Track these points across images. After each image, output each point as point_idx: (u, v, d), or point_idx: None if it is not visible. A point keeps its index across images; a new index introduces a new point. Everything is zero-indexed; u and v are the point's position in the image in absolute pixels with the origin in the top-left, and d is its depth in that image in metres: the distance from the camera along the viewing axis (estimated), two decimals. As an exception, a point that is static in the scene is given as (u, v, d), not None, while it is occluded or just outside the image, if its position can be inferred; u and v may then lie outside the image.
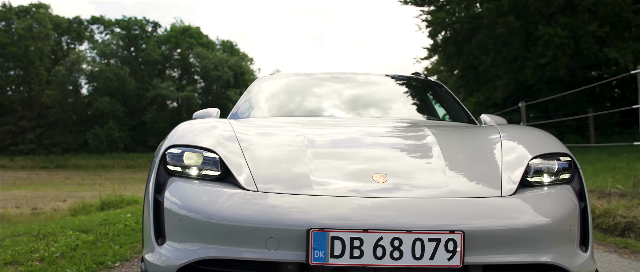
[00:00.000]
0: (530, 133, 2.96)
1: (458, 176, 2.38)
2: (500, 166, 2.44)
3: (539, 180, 2.43)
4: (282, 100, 4.09)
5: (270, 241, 2.03)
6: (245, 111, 3.93)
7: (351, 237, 1.99)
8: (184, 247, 2.16)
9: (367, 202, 2.14)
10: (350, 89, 4.26)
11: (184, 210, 2.18)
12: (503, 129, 2.94)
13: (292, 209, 2.09)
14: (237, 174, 2.30)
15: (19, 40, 52.52)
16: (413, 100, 4.38)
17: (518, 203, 2.24)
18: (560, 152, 2.56)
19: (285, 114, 3.80)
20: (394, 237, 1.99)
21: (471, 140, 2.94)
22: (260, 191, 2.21)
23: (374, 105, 4.07)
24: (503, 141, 2.69)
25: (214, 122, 2.86)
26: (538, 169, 2.46)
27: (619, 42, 16.91)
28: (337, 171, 2.37)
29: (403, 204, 2.14)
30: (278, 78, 4.51)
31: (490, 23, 19.03)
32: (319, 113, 3.86)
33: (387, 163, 2.46)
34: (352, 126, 3.22)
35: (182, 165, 2.40)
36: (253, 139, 2.63)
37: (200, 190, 2.25)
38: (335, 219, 2.04)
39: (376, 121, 3.50)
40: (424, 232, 2.01)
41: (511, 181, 2.34)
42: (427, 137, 2.78)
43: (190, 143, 2.49)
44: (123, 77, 54.24)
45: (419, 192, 2.24)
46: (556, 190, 2.38)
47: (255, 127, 2.95)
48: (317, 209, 2.09)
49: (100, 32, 60.78)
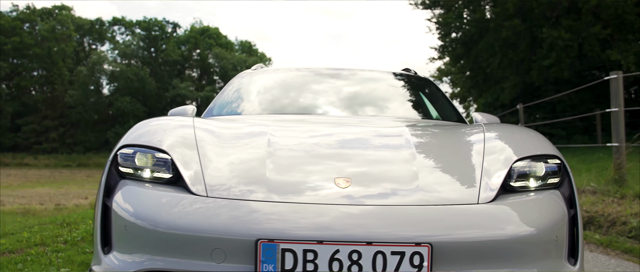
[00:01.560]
0: (517, 133, 2.71)
1: (430, 181, 2.16)
2: (480, 170, 2.24)
3: (524, 185, 2.23)
4: (257, 98, 3.86)
5: (217, 253, 1.86)
6: (219, 108, 3.73)
7: (304, 250, 1.81)
8: (131, 258, 1.98)
9: (325, 210, 1.94)
10: (333, 85, 4.01)
11: (131, 216, 2.00)
12: (489, 128, 2.70)
13: (240, 217, 1.90)
14: (188, 177, 2.12)
15: (42, 42, 53.61)
16: (399, 97, 4.10)
17: (497, 211, 2.03)
18: (548, 154, 2.34)
19: (258, 111, 3.61)
20: (352, 249, 1.81)
21: (452, 141, 2.70)
22: (210, 196, 2.03)
23: (356, 102, 3.79)
24: (486, 141, 2.47)
25: (178, 120, 2.63)
26: (523, 172, 2.25)
27: (622, 44, 17.28)
28: (297, 174, 2.18)
29: (364, 213, 1.94)
30: (259, 74, 4.27)
31: (497, 26, 19.50)
32: (295, 111, 3.61)
33: (354, 166, 2.24)
34: (326, 125, 2.97)
35: (134, 166, 2.23)
36: (213, 140, 2.43)
37: (148, 194, 2.07)
38: (287, 228, 1.86)
39: (353, 120, 3.26)
40: (386, 244, 1.82)
41: (490, 186, 2.14)
42: (404, 137, 2.54)
43: (143, 143, 2.29)
44: (143, 77, 55.15)
45: (384, 199, 2.03)
46: (543, 196, 2.18)
47: (221, 126, 2.69)
48: (268, 218, 1.90)
49: (122, 33, 61.85)
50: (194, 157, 2.26)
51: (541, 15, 18.67)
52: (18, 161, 44.78)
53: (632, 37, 17.41)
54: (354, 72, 4.24)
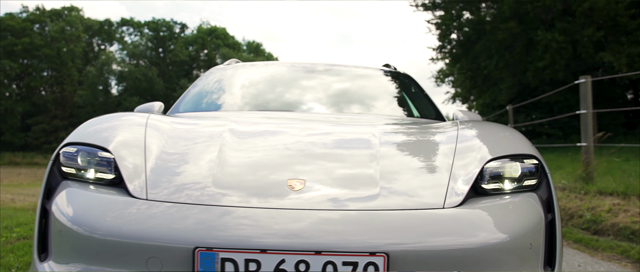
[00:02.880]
0: (493, 131, 2.53)
1: (392, 185, 1.99)
2: (449, 171, 2.08)
3: (497, 187, 2.07)
4: (225, 94, 3.70)
5: (152, 262, 1.69)
6: (185, 105, 3.55)
7: (246, 259, 1.65)
8: (66, 268, 1.82)
9: (271, 215, 1.78)
10: (307, 81, 3.83)
11: (68, 221, 1.84)
12: (464, 126, 2.54)
13: (177, 223, 1.74)
14: (128, 179, 1.97)
15: (52, 42, 54.39)
16: (375, 94, 3.88)
17: (464, 216, 1.87)
18: (524, 154, 2.19)
19: (225, 108, 3.44)
20: (299, 259, 1.65)
21: (422, 140, 2.49)
22: (150, 199, 1.86)
23: (329, 99, 3.61)
24: (459, 141, 2.31)
25: (132, 117, 2.45)
26: (496, 173, 2.09)
27: (616, 46, 17.69)
28: (247, 177, 2.00)
29: (315, 218, 1.77)
30: (232, 69, 4.03)
31: (493, 28, 19.98)
32: (263, 108, 3.40)
33: (311, 167, 2.08)
34: (290, 123, 2.78)
35: (77, 166, 2.07)
36: (164, 139, 2.27)
37: (87, 197, 1.92)
38: (228, 236, 1.69)
39: (320, 117, 3.08)
40: (337, 253, 1.66)
41: (458, 189, 1.98)
42: (371, 136, 2.36)
43: (87, 141, 2.13)
44: (151, 77, 55.89)
45: (338, 203, 1.87)
46: (518, 199, 2.02)
47: (178, 124, 2.52)
48: (208, 224, 1.74)
49: (130, 33, 62.78)
50: (139, 157, 2.09)
51: (536, 17, 19.12)
52: (28, 160, 45.62)
53: (625, 39, 17.80)
54: (330, 67, 4.07)
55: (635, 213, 5.13)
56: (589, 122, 7.26)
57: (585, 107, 7.24)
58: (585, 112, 7.24)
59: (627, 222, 4.94)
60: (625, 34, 17.91)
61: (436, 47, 25.14)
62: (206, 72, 4.17)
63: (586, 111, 7.23)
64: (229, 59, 5.09)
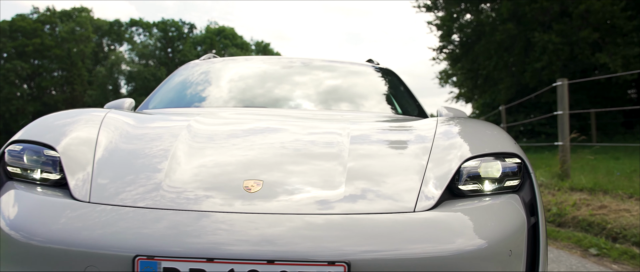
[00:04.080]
0: (473, 128, 2.37)
1: (360, 186, 1.83)
2: (423, 172, 1.93)
3: (476, 188, 1.93)
4: (195, 90, 3.55)
5: (91, 271, 1.56)
6: (155, 101, 3.42)
7: (191, 269, 1.51)
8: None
9: (221, 220, 1.63)
10: (283, 76, 3.68)
11: (6, 226, 1.68)
12: (443, 123, 2.37)
13: (117, 229, 1.60)
14: (72, 179, 1.83)
15: (62, 43, 55.00)
16: (353, 89, 3.72)
17: (437, 220, 1.71)
18: (506, 152, 2.03)
19: (195, 104, 3.30)
20: (250, 269, 1.51)
21: (397, 138, 2.34)
22: (93, 202, 1.73)
23: (305, 94, 3.46)
24: (436, 138, 2.15)
25: (88, 114, 2.29)
26: (474, 173, 1.95)
27: (612, 48, 18.02)
28: (200, 177, 1.85)
29: (269, 223, 1.62)
30: (206, 64, 3.89)
31: (492, 29, 20.36)
32: (233, 104, 3.25)
33: (272, 168, 1.91)
34: (258, 120, 2.59)
35: (22, 165, 1.93)
36: (119, 137, 2.11)
37: (29, 200, 1.77)
38: (170, 243, 1.54)
39: (291, 114, 2.88)
40: (292, 263, 1.52)
41: (431, 191, 1.84)
42: (342, 135, 2.19)
43: (35, 138, 2.00)
44: (160, 77, 56.17)
45: (298, 206, 1.72)
46: (498, 201, 1.87)
47: (137, 122, 2.33)
48: (150, 230, 1.59)
49: (139, 33, 63.41)
50: (87, 156, 1.95)
51: (534, 19, 19.47)
52: (39, 158, 46.11)
53: (621, 41, 18.11)
54: (309, 62, 3.92)
55: (596, 207, 5.53)
56: (565, 122, 7.65)
57: (562, 108, 7.64)
58: (561, 113, 7.63)
59: (585, 215, 5.35)
60: (622, 36, 18.21)
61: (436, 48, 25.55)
62: (181, 66, 4.03)
63: (563, 112, 7.62)
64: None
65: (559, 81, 7.74)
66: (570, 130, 7.93)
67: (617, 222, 4.80)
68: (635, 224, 4.64)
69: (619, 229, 4.64)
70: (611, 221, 4.87)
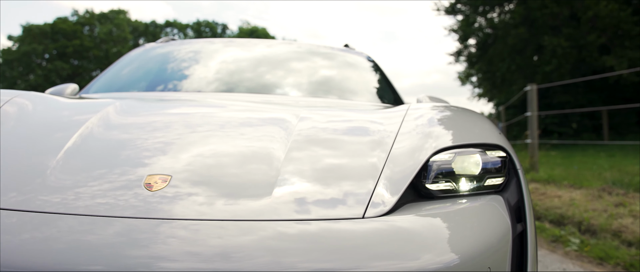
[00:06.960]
0: (451, 116, 1.92)
1: (297, 188, 1.44)
2: (381, 167, 1.54)
3: (448, 188, 1.54)
4: (139, 73, 3.26)
5: None
6: (99, 85, 3.17)
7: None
8: None
9: (102, 225, 1.25)
10: (242, 59, 3.34)
11: None
12: (414, 110, 1.96)
13: None
14: None
15: (100, 44, 57.00)
16: (319, 74, 3.37)
17: (394, 230, 1.30)
18: (488, 144, 1.64)
19: (132, 89, 3.00)
20: None
21: (357, 127, 1.87)
22: None
23: (263, 79, 3.10)
24: (402, 127, 1.78)
25: (11, 96, 2.00)
26: (446, 169, 1.55)
27: (619, 50, 18.69)
28: (95, 171, 1.48)
29: (168, 231, 1.23)
30: (159, 47, 3.59)
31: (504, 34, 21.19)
32: (182, 88, 2.96)
33: (188, 162, 1.52)
34: (191, 107, 2.18)
35: None
36: (19, 125, 1.79)
37: None
38: (38, 255, 1.15)
39: (235, 100, 2.47)
40: None
41: (389, 192, 1.44)
42: (285, 124, 1.82)
43: None
44: (193, 77, 58.01)
45: (209, 210, 1.33)
46: (477, 204, 1.47)
47: (55, 108, 2.01)
48: (17, 239, 1.20)
49: (174, 34, 65.23)
50: None
51: (544, 24, 20.22)
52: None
53: (628, 44, 18.75)
54: (273, 44, 3.62)
55: (538, 193, 6.48)
56: (534, 122, 8.57)
57: (532, 110, 8.56)
58: (530, 115, 8.55)
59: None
60: (629, 39, 18.85)
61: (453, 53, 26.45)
62: (135, 49, 3.71)
63: (531, 113, 8.54)
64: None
65: (529, 86, 8.65)
66: (582, 129, 8.78)
67: (543, 204, 5.77)
68: (558, 205, 5.60)
69: (543, 211, 5.60)
70: (540, 204, 5.83)
